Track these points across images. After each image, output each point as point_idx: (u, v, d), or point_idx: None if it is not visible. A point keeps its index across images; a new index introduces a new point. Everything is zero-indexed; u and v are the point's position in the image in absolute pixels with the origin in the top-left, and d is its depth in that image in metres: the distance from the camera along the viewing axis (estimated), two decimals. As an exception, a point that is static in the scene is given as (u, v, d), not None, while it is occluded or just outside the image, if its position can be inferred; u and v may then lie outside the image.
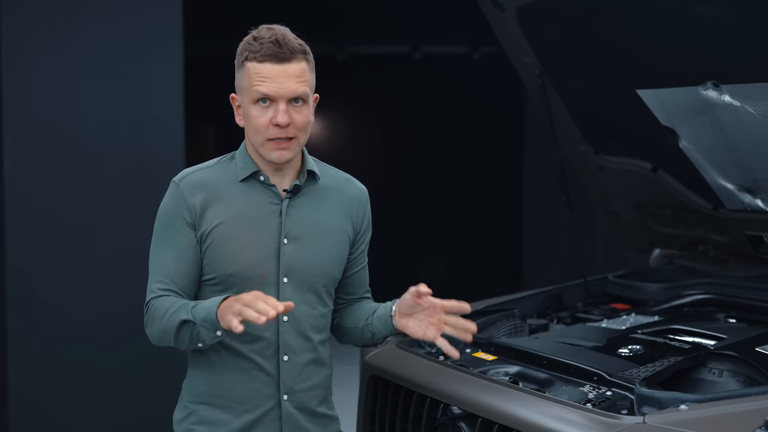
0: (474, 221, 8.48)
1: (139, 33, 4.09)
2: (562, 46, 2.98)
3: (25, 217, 3.89)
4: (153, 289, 2.11)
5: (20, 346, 3.88)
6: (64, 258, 3.96)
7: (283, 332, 2.13)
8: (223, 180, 2.15)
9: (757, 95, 2.60)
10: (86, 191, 4.01)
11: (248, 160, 2.16)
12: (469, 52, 8.38)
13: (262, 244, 2.12)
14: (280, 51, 2.06)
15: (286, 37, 2.08)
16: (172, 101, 4.16)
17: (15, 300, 3.86)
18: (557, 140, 3.23)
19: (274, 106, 2.08)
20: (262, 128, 2.09)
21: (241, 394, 2.10)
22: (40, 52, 3.89)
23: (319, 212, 2.19)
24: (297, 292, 2.14)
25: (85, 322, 3.99)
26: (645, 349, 2.60)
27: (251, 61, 2.08)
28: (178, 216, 2.11)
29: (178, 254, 2.10)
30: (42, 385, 3.92)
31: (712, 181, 3.02)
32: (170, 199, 2.15)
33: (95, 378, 4.03)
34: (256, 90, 2.07)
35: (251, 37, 2.11)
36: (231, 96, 2.17)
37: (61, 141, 3.96)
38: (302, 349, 2.16)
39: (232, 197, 2.13)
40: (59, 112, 3.95)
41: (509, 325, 2.87)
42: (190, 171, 2.18)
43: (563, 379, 2.39)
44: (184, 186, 2.14)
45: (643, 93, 2.87)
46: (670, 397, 2.10)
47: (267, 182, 2.15)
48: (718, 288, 3.17)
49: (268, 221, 2.13)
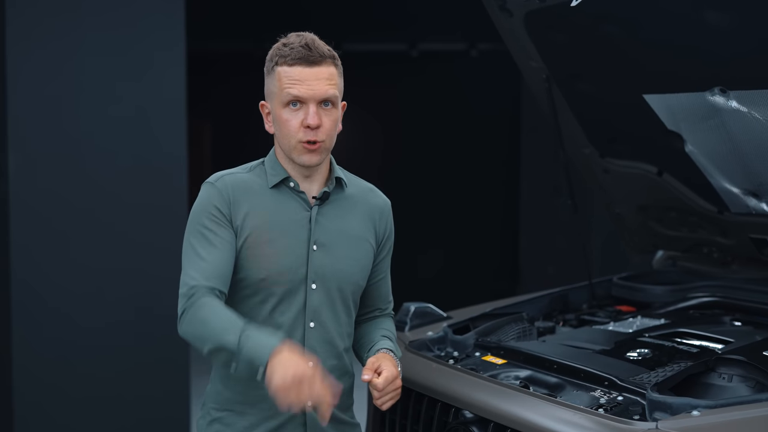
0: (472, 217, 8.49)
1: (140, 28, 4.08)
2: (570, 51, 2.99)
3: (29, 221, 3.88)
4: (195, 279, 2.04)
5: (24, 351, 3.87)
6: (67, 262, 3.95)
7: (309, 338, 2.14)
8: (254, 185, 2.16)
9: (764, 101, 2.62)
10: (90, 194, 4.00)
11: (278, 166, 2.18)
12: (466, 49, 8.39)
13: (294, 250, 2.13)
14: (310, 54, 2.09)
15: (316, 42, 2.12)
16: (174, 103, 4.15)
17: (19, 305, 3.85)
18: (562, 143, 3.25)
19: (305, 109, 2.10)
20: (293, 131, 2.11)
21: (265, 400, 2.09)
22: (42, 45, 3.86)
23: (345, 220, 2.21)
24: (325, 299, 2.16)
25: (89, 328, 3.98)
26: (653, 352, 2.63)
27: (281, 65, 2.10)
28: (215, 209, 2.10)
29: (222, 247, 2.07)
30: (46, 390, 3.91)
31: (718, 185, 3.04)
32: (206, 196, 2.13)
33: (99, 383, 4.02)
34: (287, 92, 2.09)
35: (281, 43, 2.14)
36: (261, 104, 2.19)
37: (62, 142, 3.94)
38: (327, 356, 2.17)
39: (264, 202, 2.14)
40: (61, 111, 3.94)
41: (518, 329, 2.89)
42: (223, 173, 2.18)
43: (574, 384, 2.40)
44: (221, 185, 2.14)
45: (650, 98, 2.89)
46: (682, 403, 2.12)
47: (297, 189, 2.16)
48: (723, 291, 3.19)
49: (298, 227, 2.15)
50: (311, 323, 2.15)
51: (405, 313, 3.06)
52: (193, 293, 2.03)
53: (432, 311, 3.09)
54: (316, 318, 2.15)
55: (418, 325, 3.02)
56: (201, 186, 2.17)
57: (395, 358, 2.19)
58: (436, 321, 3.05)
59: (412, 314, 3.05)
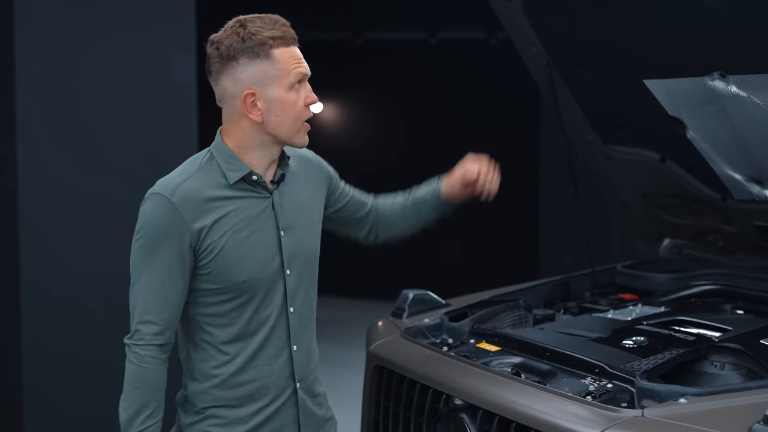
0: (491, 206, 8.45)
1: (151, 19, 4.08)
2: (569, 36, 2.96)
3: (37, 212, 3.87)
4: (156, 324, 2.03)
5: (34, 343, 3.86)
6: (77, 253, 3.95)
7: (293, 323, 2.15)
8: (212, 185, 2.06)
9: (763, 86, 2.58)
10: (98, 185, 3.98)
11: (236, 160, 2.08)
12: (485, 38, 8.35)
13: (266, 242, 2.10)
14: (294, 34, 2.10)
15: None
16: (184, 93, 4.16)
17: (28, 297, 3.84)
18: (565, 130, 3.22)
19: (303, 87, 2.10)
20: (300, 112, 2.09)
21: (258, 391, 2.12)
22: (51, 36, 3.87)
23: (297, 195, 2.20)
24: (299, 281, 2.16)
25: (98, 319, 3.97)
26: (649, 340, 2.60)
27: (278, 47, 2.05)
28: (179, 237, 2.01)
29: (175, 284, 2.02)
30: (55, 384, 3.91)
31: (720, 172, 3.00)
32: (163, 217, 2.00)
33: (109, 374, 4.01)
34: (298, 72, 2.07)
35: (256, 27, 2.05)
36: (246, 93, 2.05)
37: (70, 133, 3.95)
38: (305, 336, 2.19)
39: (226, 203, 2.06)
40: (69, 102, 3.95)
41: (513, 316, 2.88)
42: (176, 182, 2.04)
43: (565, 371, 2.39)
44: (178, 200, 2.01)
45: (650, 83, 2.86)
46: (670, 391, 2.10)
47: (259, 180, 2.10)
48: (726, 279, 3.15)
49: (264, 218, 2.11)
50: (291, 308, 2.14)
51: (403, 300, 3.06)
52: (147, 342, 2.03)
53: (430, 298, 3.08)
54: (294, 302, 2.14)
55: (416, 312, 3.02)
56: (149, 194, 2.04)
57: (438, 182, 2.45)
58: (434, 308, 3.05)
59: (410, 301, 3.05)
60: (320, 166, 2.33)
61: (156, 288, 2.02)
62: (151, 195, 2.04)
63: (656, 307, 3.00)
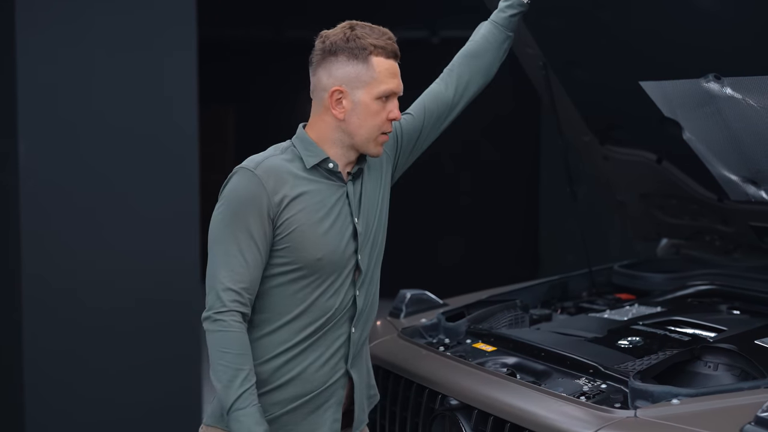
0: (492, 205, 8.47)
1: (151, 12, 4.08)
2: (565, 37, 2.98)
3: (38, 211, 3.87)
4: (237, 292, 2.06)
5: (34, 344, 3.85)
6: (77, 252, 3.95)
7: (359, 304, 2.22)
8: (291, 168, 2.14)
9: (758, 88, 2.59)
10: (99, 183, 3.99)
11: (315, 147, 2.16)
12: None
13: (340, 226, 2.16)
14: (397, 50, 2.18)
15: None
16: (184, 86, 4.15)
17: (29, 297, 3.84)
18: (562, 131, 3.24)
19: (391, 102, 2.17)
20: (380, 123, 2.16)
21: (319, 379, 2.18)
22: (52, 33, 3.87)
23: (368, 187, 2.26)
24: (370, 270, 2.24)
25: (100, 320, 3.97)
26: (644, 341, 2.62)
27: (379, 56, 2.14)
28: (259, 207, 2.07)
29: (254, 253, 2.07)
30: (56, 386, 3.91)
31: (716, 173, 3.01)
32: (247, 187, 2.08)
33: (110, 377, 4.02)
34: (387, 87, 2.15)
35: (364, 32, 2.15)
36: (334, 88, 2.13)
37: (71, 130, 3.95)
38: (370, 318, 2.28)
39: (303, 184, 2.13)
40: (72, 100, 3.96)
41: (510, 316, 2.89)
42: (260, 159, 2.13)
43: (560, 371, 2.41)
44: (261, 173, 2.09)
45: (646, 85, 2.87)
46: (663, 391, 2.12)
47: (336, 169, 2.17)
48: (723, 279, 3.17)
49: (339, 204, 2.17)
50: (357, 291, 2.20)
51: (401, 300, 3.07)
52: (229, 308, 2.05)
53: (428, 298, 3.10)
54: (362, 287, 2.21)
55: (413, 312, 3.03)
56: (236, 170, 2.13)
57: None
58: (431, 308, 3.06)
59: (408, 301, 3.07)
60: (388, 153, 2.36)
61: (236, 257, 2.06)
62: (237, 170, 2.13)
63: (653, 307, 3.02)
